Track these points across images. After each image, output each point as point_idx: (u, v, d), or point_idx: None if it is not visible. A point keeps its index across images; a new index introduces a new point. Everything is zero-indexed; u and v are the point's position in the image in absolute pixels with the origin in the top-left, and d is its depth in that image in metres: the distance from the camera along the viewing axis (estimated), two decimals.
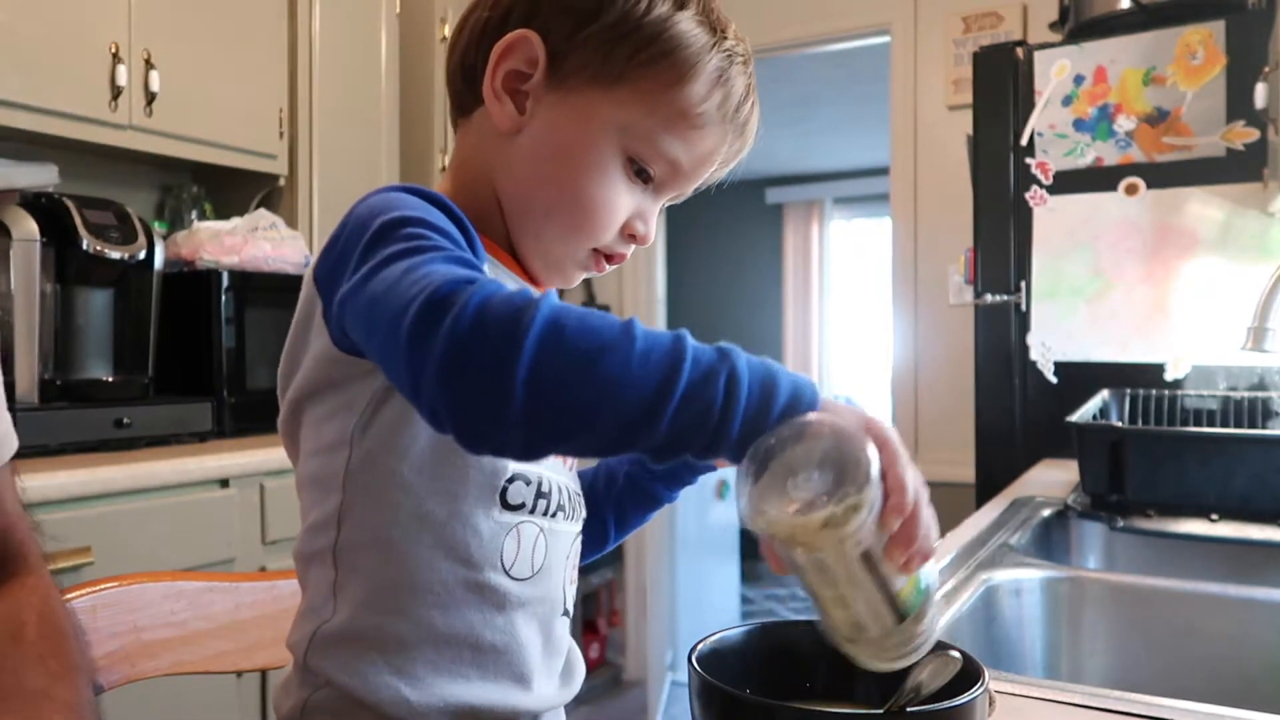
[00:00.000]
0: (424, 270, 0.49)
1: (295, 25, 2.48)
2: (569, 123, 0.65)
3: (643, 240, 0.70)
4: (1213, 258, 1.88)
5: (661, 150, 0.66)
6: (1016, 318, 2.07)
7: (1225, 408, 1.61)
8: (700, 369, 0.45)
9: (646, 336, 0.46)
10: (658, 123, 0.65)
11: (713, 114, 0.66)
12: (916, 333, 3.12)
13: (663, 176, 0.68)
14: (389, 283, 0.50)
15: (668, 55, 0.64)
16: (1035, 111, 2.05)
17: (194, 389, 2.15)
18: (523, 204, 0.68)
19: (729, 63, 0.67)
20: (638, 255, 4.25)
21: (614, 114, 0.64)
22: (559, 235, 0.68)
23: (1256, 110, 1.81)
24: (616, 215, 0.67)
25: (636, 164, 0.66)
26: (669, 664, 3.47)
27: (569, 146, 0.65)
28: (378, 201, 0.58)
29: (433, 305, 0.46)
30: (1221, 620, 1.03)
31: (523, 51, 0.65)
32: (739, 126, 0.69)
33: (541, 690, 0.67)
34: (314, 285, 0.61)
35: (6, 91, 1.87)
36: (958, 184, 2.76)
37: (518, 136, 0.66)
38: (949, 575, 1.05)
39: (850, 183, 6.36)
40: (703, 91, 0.65)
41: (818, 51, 3.45)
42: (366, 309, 0.51)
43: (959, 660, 0.49)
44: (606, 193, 0.66)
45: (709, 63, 0.65)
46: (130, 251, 1.99)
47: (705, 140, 0.67)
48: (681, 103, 0.65)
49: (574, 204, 0.66)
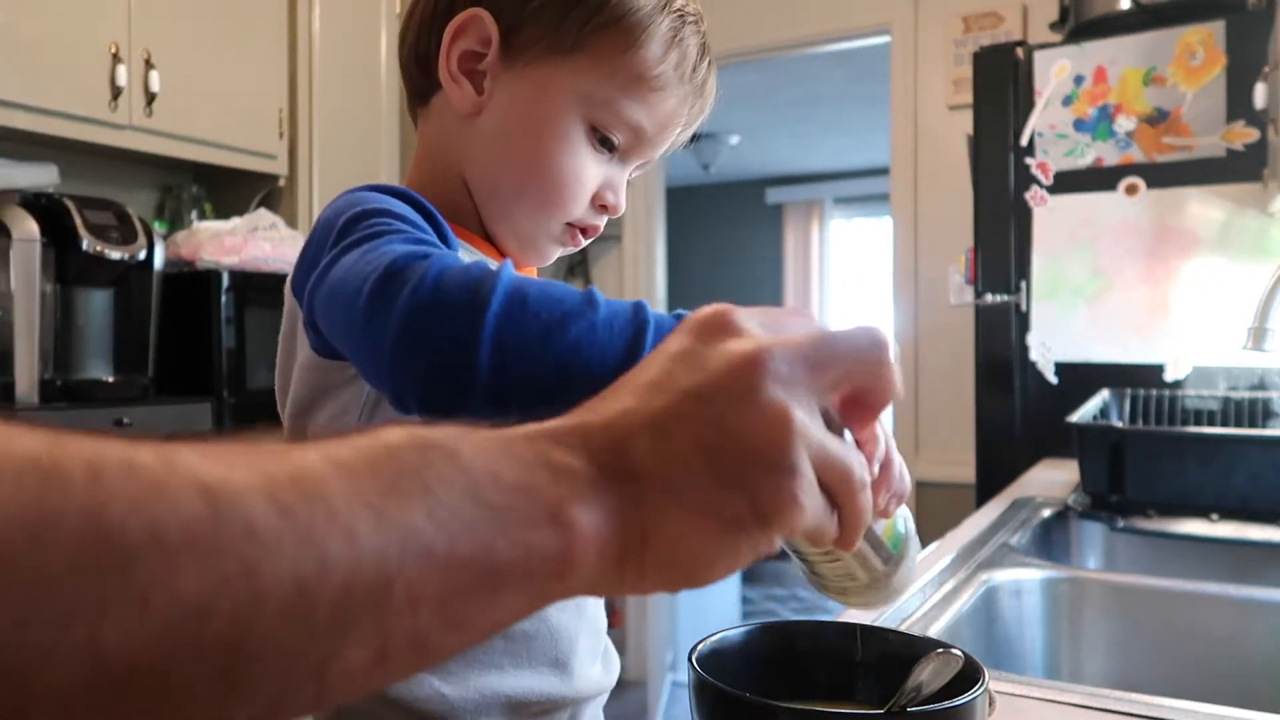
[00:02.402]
0: (381, 250, 0.48)
1: (295, 25, 2.48)
2: (528, 97, 0.65)
3: (613, 210, 0.69)
4: (1213, 258, 1.88)
5: (623, 116, 0.65)
6: (1016, 318, 2.07)
7: (1225, 408, 1.61)
8: (664, 333, 0.45)
9: (608, 304, 0.46)
10: (616, 88, 0.64)
11: (670, 75, 0.66)
12: (917, 333, 3.12)
13: (627, 143, 0.67)
14: (347, 266, 0.49)
15: (619, 20, 0.63)
16: (1035, 111, 2.05)
17: (194, 389, 2.15)
18: (490, 186, 0.67)
19: (681, 23, 0.66)
20: (638, 255, 4.25)
21: (572, 83, 0.64)
22: (530, 213, 0.67)
23: (1256, 110, 1.81)
24: (585, 187, 0.67)
25: (600, 132, 0.66)
26: (669, 664, 3.47)
27: (530, 121, 0.65)
28: (343, 202, 0.58)
29: (388, 278, 0.45)
30: (1221, 620, 1.03)
31: (475, 30, 0.64)
32: (697, 86, 0.68)
33: (583, 673, 0.66)
34: (292, 295, 0.61)
35: (6, 91, 1.87)
36: (958, 184, 2.76)
37: (478, 118, 0.66)
38: (949, 575, 1.05)
39: (850, 183, 6.36)
40: (658, 53, 0.65)
41: (818, 51, 3.45)
42: (327, 297, 0.51)
43: (959, 660, 0.49)
44: (573, 164, 0.65)
45: (660, 24, 0.65)
46: (130, 251, 1.99)
47: (665, 102, 0.66)
48: (638, 66, 0.64)
49: (541, 179, 0.65)
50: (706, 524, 0.33)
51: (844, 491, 0.36)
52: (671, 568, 0.34)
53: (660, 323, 0.46)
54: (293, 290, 0.60)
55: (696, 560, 0.34)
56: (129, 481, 0.24)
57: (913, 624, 0.89)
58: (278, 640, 0.25)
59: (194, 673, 0.24)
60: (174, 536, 0.24)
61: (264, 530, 0.25)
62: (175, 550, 0.24)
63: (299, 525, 0.26)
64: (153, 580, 0.23)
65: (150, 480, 0.24)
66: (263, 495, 0.26)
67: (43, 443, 0.23)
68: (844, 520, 0.37)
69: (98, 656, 0.22)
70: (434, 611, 0.29)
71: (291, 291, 0.61)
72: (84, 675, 0.22)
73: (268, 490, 0.26)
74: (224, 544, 0.24)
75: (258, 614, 0.25)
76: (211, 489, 0.25)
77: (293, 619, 0.26)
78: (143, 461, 0.24)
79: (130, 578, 0.23)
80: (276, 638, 0.25)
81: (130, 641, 0.23)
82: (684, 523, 0.33)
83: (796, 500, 0.34)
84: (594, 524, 0.32)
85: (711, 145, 5.39)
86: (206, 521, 0.24)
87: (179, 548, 0.24)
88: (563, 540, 0.31)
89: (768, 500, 0.34)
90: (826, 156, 6.04)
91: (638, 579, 0.34)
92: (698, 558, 0.34)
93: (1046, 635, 1.10)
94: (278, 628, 0.25)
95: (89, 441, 0.24)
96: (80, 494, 0.23)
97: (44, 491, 0.22)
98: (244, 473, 0.26)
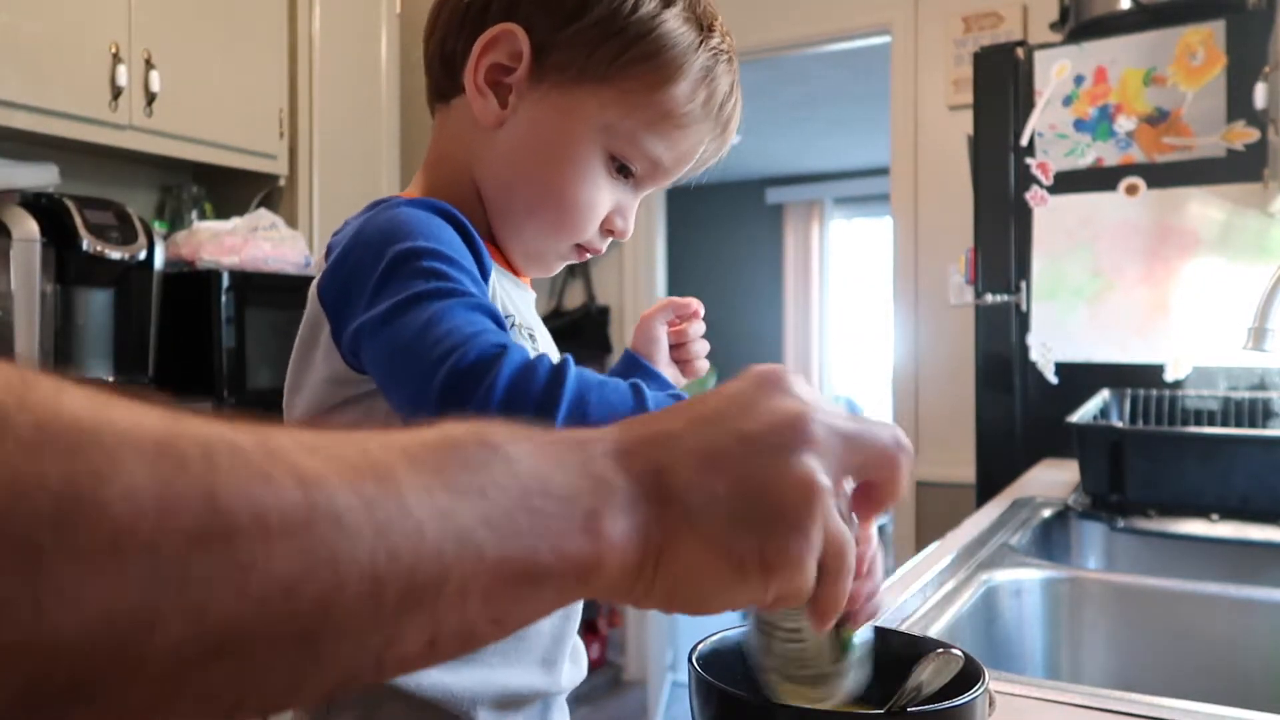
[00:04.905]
0: (447, 325, 0.50)
1: (295, 25, 2.48)
2: (552, 120, 0.64)
3: (621, 235, 0.70)
4: (1213, 258, 1.88)
5: (644, 149, 0.65)
6: (1017, 318, 2.07)
7: (1225, 408, 1.61)
8: None
9: (654, 398, 0.49)
10: (641, 122, 0.64)
11: (697, 113, 0.65)
12: (917, 333, 3.12)
13: (644, 173, 0.67)
14: (412, 332, 0.50)
15: (654, 56, 0.63)
16: (1035, 111, 2.05)
17: (194, 389, 2.15)
18: (504, 200, 0.67)
19: (715, 61, 0.65)
20: (638, 256, 4.24)
21: (598, 113, 0.64)
22: (540, 232, 0.67)
23: (1256, 110, 1.81)
24: (597, 213, 0.67)
25: (618, 161, 0.66)
26: (669, 664, 3.47)
27: (551, 144, 0.65)
28: (387, 222, 0.57)
29: (462, 374, 0.47)
30: (1221, 620, 1.03)
31: (507, 45, 0.64)
32: (722, 124, 0.68)
33: (562, 669, 0.68)
34: (319, 303, 0.60)
35: (6, 91, 1.87)
36: (958, 184, 2.76)
37: (499, 130, 0.66)
38: (949, 575, 1.05)
39: (850, 183, 6.36)
40: (688, 91, 0.64)
41: (818, 51, 3.45)
42: (387, 356, 0.52)
43: (959, 660, 0.49)
44: (588, 191, 0.65)
45: (695, 62, 0.64)
46: (130, 251, 1.99)
47: (688, 139, 0.66)
48: (667, 104, 0.64)
49: (556, 203, 0.65)
50: (715, 558, 0.36)
51: (838, 570, 0.38)
52: (674, 591, 0.37)
53: None
54: (320, 298, 0.60)
55: (699, 589, 0.37)
56: (235, 465, 0.26)
57: (913, 624, 0.89)
58: (351, 623, 0.28)
59: (277, 644, 0.26)
60: (274, 521, 0.26)
61: (349, 522, 0.28)
62: (275, 534, 0.26)
63: (377, 519, 0.28)
64: (253, 559, 0.25)
65: (254, 466, 0.27)
66: (349, 487, 0.28)
67: (164, 422, 0.26)
68: (825, 597, 0.38)
69: (201, 621, 0.25)
70: (481, 605, 0.31)
71: (319, 298, 0.60)
72: (190, 636, 0.24)
73: (352, 482, 0.29)
74: (316, 531, 0.27)
75: (337, 597, 0.27)
76: (307, 479, 0.27)
77: (365, 604, 0.28)
78: (244, 445, 0.27)
79: (235, 555, 0.25)
80: (350, 621, 0.28)
81: (228, 610, 0.25)
82: (696, 552, 0.36)
83: (801, 561, 0.36)
84: (622, 536, 0.35)
85: None
86: (302, 509, 0.27)
87: (278, 532, 0.26)
88: (594, 548, 0.34)
89: (776, 553, 0.36)
90: (826, 156, 6.04)
91: (644, 594, 0.36)
92: (700, 587, 0.37)
93: (1046, 635, 1.10)
94: (353, 611, 0.28)
95: (198, 422, 0.27)
96: (197, 475, 0.25)
97: (168, 471, 0.25)
98: (332, 463, 0.29)
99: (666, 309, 0.79)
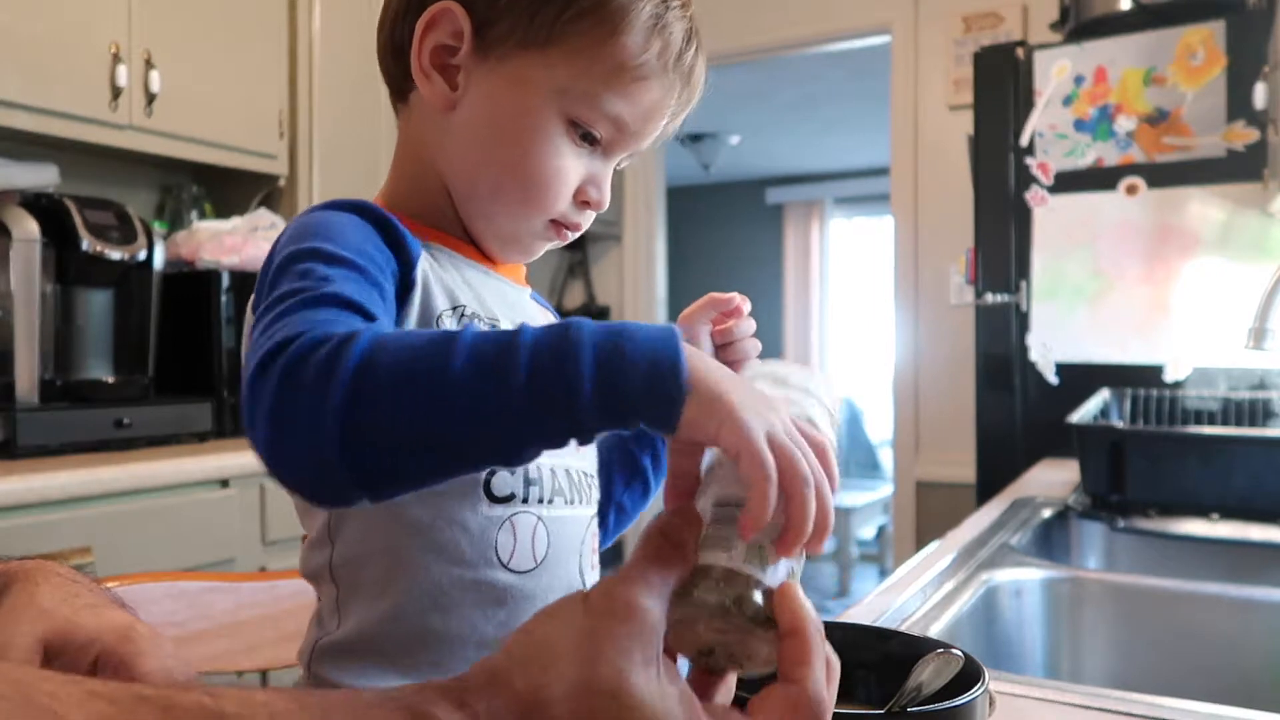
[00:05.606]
0: (280, 324, 0.47)
1: (295, 25, 2.48)
2: (503, 93, 0.62)
3: (596, 206, 0.67)
4: (1213, 258, 1.88)
5: (603, 109, 0.62)
6: (1017, 318, 2.07)
7: (1225, 408, 1.61)
8: (541, 350, 0.43)
9: (474, 338, 0.44)
10: (595, 81, 0.62)
11: (653, 64, 0.62)
12: (917, 332, 3.12)
13: (609, 137, 0.64)
14: (252, 342, 0.48)
15: (596, 10, 0.61)
16: (1035, 111, 2.05)
17: (194, 389, 2.15)
18: (467, 185, 0.65)
19: (664, 8, 0.63)
20: (638, 256, 4.24)
21: (548, 77, 0.61)
22: (509, 212, 0.65)
23: (1256, 110, 1.81)
24: (566, 183, 0.64)
25: (580, 127, 0.63)
26: None
27: (506, 118, 0.63)
28: (291, 229, 0.56)
29: (262, 363, 0.45)
30: (1221, 620, 1.03)
31: (446, 23, 0.62)
32: (684, 74, 0.65)
33: None
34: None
35: (6, 91, 1.87)
36: (958, 184, 2.76)
37: (454, 115, 0.64)
38: (949, 575, 1.05)
39: (850, 183, 6.36)
40: (639, 41, 0.61)
41: (818, 51, 3.45)
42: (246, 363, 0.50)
43: (959, 660, 0.49)
44: (552, 161, 0.63)
45: (642, 10, 0.61)
46: (130, 251, 1.99)
47: (648, 93, 0.63)
48: (618, 56, 0.61)
49: (519, 178, 0.63)
50: None
51: None
52: None
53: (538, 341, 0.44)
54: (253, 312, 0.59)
55: None
56: None
57: (913, 624, 0.89)
58: None
59: None
60: None
61: None
62: None
63: None
64: None
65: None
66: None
67: None
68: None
69: None
70: None
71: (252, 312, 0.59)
72: None
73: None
74: None
75: None
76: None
77: None
78: None
79: None
80: None
81: None
82: None
83: None
84: None
85: (711, 145, 5.39)
86: None
87: None
88: None
89: None
90: (826, 156, 6.04)
91: None
92: None
93: (1046, 635, 1.10)
94: None
95: None
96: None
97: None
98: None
99: (707, 307, 0.73)
